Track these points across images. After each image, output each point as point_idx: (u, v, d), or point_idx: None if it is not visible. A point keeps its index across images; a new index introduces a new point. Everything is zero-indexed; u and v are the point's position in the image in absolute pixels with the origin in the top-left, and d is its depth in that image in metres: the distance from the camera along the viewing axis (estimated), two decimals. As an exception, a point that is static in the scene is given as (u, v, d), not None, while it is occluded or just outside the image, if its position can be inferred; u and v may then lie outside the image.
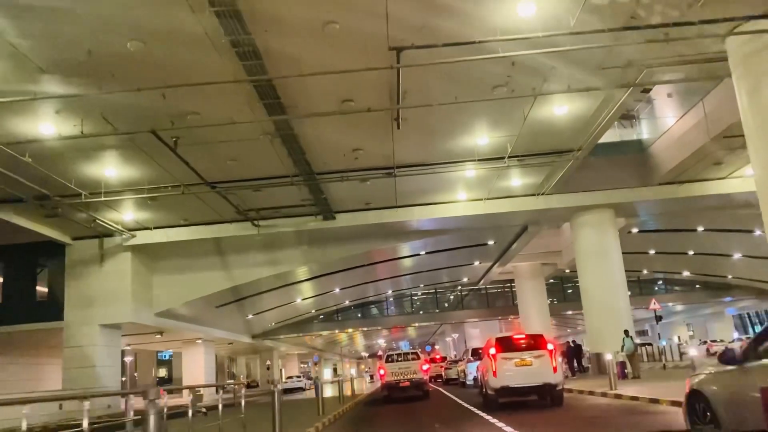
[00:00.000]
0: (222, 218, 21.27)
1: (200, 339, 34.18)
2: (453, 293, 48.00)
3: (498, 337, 12.52)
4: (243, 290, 26.56)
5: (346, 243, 23.71)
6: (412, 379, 18.37)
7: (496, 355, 11.53)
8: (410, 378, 18.18)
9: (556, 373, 11.43)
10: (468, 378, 21.72)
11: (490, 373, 11.61)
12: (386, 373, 18.43)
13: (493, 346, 11.80)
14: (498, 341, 12.04)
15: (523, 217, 22.86)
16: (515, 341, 12.03)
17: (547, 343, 11.70)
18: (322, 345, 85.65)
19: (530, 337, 12.13)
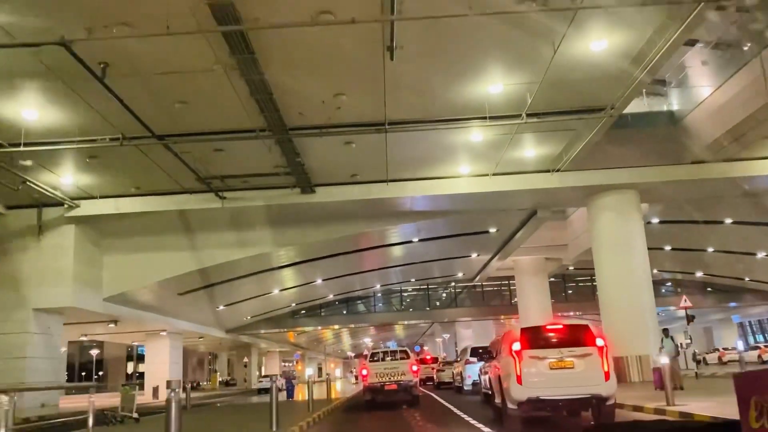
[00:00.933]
0: (181, 188, 18.27)
1: (164, 331, 31.08)
2: (446, 290, 45.09)
3: (525, 328, 9.50)
4: (210, 276, 23.53)
5: (327, 224, 20.77)
6: (399, 382, 15.49)
7: (522, 353, 8.38)
8: (397, 380, 15.31)
9: (608, 381, 8.30)
10: (466, 382, 18.81)
11: (512, 379, 8.38)
12: (369, 373, 15.53)
13: (518, 340, 8.70)
14: (525, 333, 8.96)
15: (534, 198, 19.95)
16: (549, 334, 8.93)
17: (595, 337, 8.60)
18: (306, 343, 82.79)
19: (570, 328, 9.07)
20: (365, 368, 15.72)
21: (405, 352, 16.67)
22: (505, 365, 9.06)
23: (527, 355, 8.48)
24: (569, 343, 8.59)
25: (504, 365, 9.26)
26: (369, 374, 15.47)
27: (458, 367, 20.79)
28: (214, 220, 20.21)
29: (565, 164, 17.83)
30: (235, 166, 16.91)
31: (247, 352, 57.42)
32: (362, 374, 15.98)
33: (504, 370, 9.22)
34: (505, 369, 9.12)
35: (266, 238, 21.18)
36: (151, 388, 30.67)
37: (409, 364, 15.64)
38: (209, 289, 25.98)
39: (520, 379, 8.38)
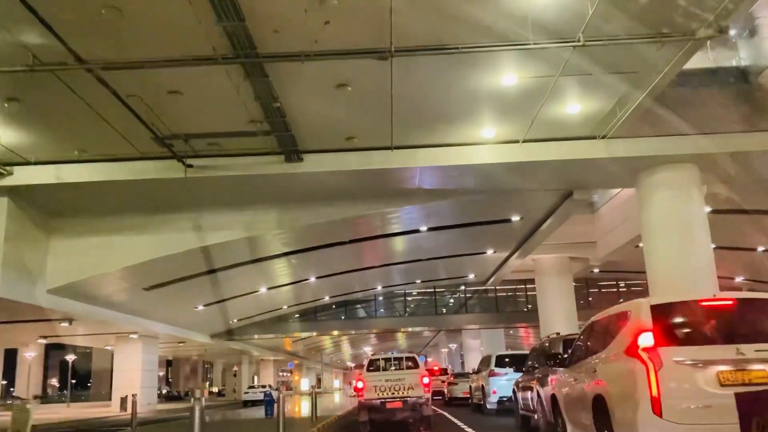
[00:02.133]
0: (137, 152, 14.93)
1: (135, 333, 27.69)
2: (455, 295, 41.55)
3: (660, 304, 5.49)
4: (180, 267, 20.21)
5: (319, 203, 17.48)
6: (405, 398, 12.10)
7: (660, 354, 4.80)
8: (403, 396, 11.96)
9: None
10: (489, 399, 15.24)
11: (636, 407, 4.78)
12: (366, 386, 12.13)
13: (647, 327, 5.08)
14: (662, 314, 5.27)
15: (572, 174, 16.52)
16: (713, 315, 5.19)
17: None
18: (304, 352, 79.39)
19: (755, 304, 5.35)
20: (360, 379, 12.32)
21: (413, 359, 13.32)
22: (613, 375, 5.49)
23: (671, 358, 4.83)
24: (758, 332, 4.91)
25: (611, 375, 5.60)
26: (365, 387, 12.10)
27: (478, 380, 17.21)
28: (183, 198, 16.92)
29: (615, 126, 14.46)
30: (199, 119, 13.62)
31: (239, 360, 53.96)
32: (356, 387, 12.53)
33: (612, 384, 5.52)
34: (614, 383, 5.46)
35: (244, 221, 17.83)
36: (119, 399, 27.25)
37: (419, 375, 12.26)
38: (182, 284, 22.57)
39: (658, 406, 4.58)
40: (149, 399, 30.04)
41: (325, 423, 14.56)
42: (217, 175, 15.36)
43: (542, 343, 9.56)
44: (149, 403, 29.80)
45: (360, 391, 12.20)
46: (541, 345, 9.51)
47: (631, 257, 29.67)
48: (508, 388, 14.80)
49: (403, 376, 12.17)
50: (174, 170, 15.14)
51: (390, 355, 13.97)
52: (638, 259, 30.75)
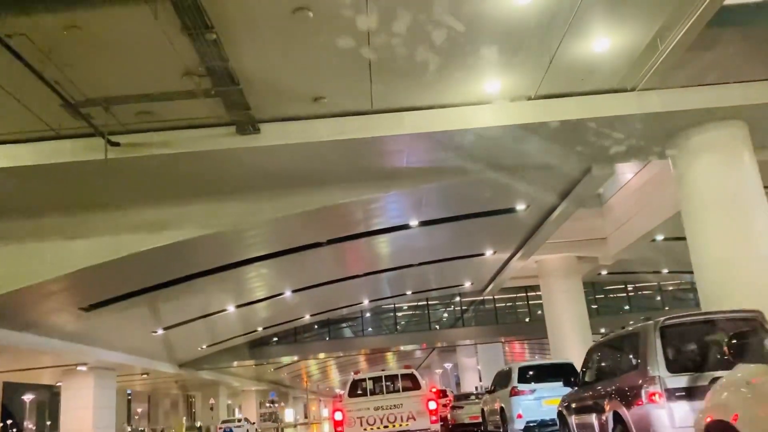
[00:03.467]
0: (47, 129, 11.87)
1: (83, 365, 24.27)
2: (449, 308, 38.45)
3: None
4: (119, 280, 17.01)
5: (284, 191, 14.58)
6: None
7: None
8: (403, 430, 8.92)
9: None
10: (514, 426, 11.95)
11: None
12: (348, 419, 9.06)
13: None
14: None
15: (593, 138, 13.60)
16: None
17: None
18: (289, 380, 75.78)
19: None
20: (340, 410, 9.22)
21: (411, 377, 10.33)
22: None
23: None
24: None
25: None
26: (346, 420, 9.04)
27: (494, 401, 13.89)
28: (114, 189, 13.91)
29: (650, 71, 11.71)
30: (117, 74, 10.58)
31: (216, 392, 50.30)
32: (335, 422, 9.35)
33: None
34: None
35: (195, 216, 14.75)
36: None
37: (423, 398, 9.23)
38: (130, 303, 19.33)
39: None
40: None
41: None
42: (151, 154, 12.35)
43: (618, 337, 6.46)
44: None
45: (340, 424, 9.09)
46: (618, 339, 6.42)
47: (646, 254, 27.03)
48: (537, 409, 11.80)
49: (399, 402, 9.12)
50: (96, 150, 12.06)
51: (380, 373, 10.83)
52: (652, 257, 28.40)
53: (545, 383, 12.09)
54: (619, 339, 6.57)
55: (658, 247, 25.15)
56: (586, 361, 7.10)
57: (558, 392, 11.90)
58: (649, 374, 5.44)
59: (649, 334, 5.70)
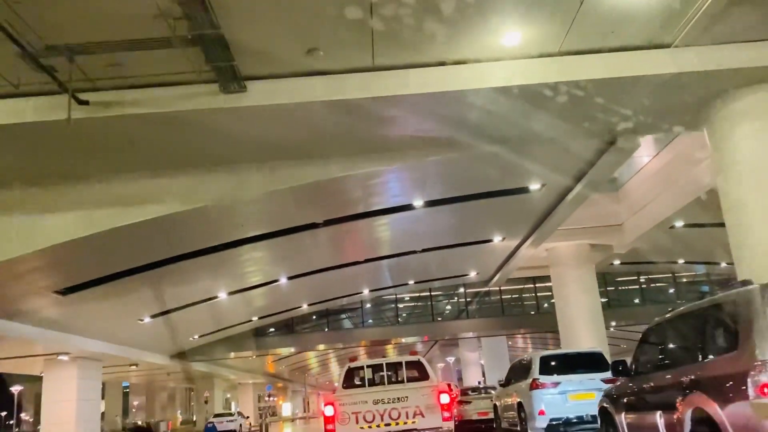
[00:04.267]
0: (6, 84, 10.52)
1: (65, 354, 22.97)
2: (452, 299, 37.07)
3: None
4: (96, 261, 15.67)
5: (275, 162, 13.20)
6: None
7: None
8: (409, 430, 7.56)
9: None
10: (535, 424, 10.51)
11: None
12: (340, 415, 7.67)
13: None
14: None
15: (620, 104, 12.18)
16: None
17: None
18: (288, 373, 74.60)
19: None
20: (330, 404, 7.79)
21: (418, 365, 8.90)
22: None
23: None
24: None
25: None
26: (339, 416, 7.64)
27: (510, 396, 12.42)
28: (85, 156, 12.56)
29: (690, 22, 10.27)
30: (80, 14, 9.21)
31: (211, 385, 49.05)
32: (325, 417, 7.88)
33: None
34: None
35: (177, 189, 13.39)
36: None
37: (433, 390, 7.78)
38: (111, 287, 17.99)
39: None
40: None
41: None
42: (124, 113, 10.98)
43: (699, 310, 5.50)
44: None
45: (330, 421, 7.67)
46: (697, 312, 4.94)
47: (663, 242, 25.67)
48: (562, 405, 10.42)
49: (404, 394, 7.69)
50: (63, 110, 10.69)
51: (381, 360, 9.40)
52: (670, 245, 27.02)
53: (571, 375, 10.73)
54: (699, 312, 5.19)
55: (677, 234, 23.84)
56: (642, 343, 5.72)
57: (587, 385, 10.56)
58: (758, 358, 4.03)
59: (755, 301, 4.27)
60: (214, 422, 29.98)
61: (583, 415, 10.20)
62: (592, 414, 10.20)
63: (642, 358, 5.56)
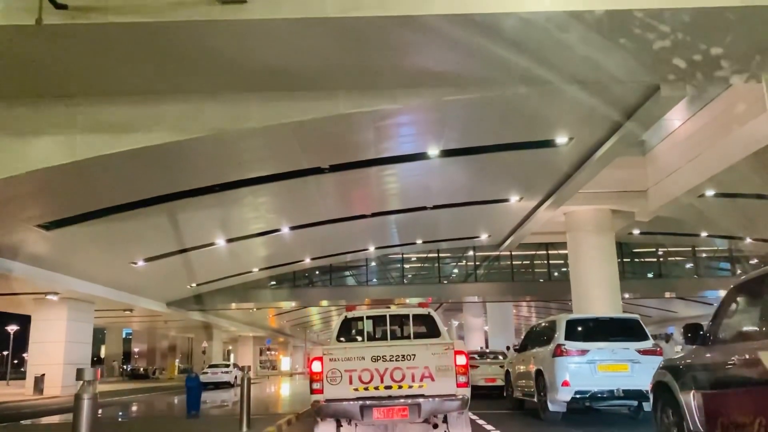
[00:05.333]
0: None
1: (54, 294, 22.06)
2: (460, 262, 35.96)
3: None
4: (77, 193, 14.50)
5: (275, 94, 11.91)
6: (417, 401, 6.33)
7: None
8: (413, 395, 6.32)
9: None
10: (557, 396, 9.28)
11: None
12: (331, 372, 6.45)
13: None
14: None
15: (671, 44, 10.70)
16: None
17: None
18: (290, 329, 74.50)
19: None
20: (318, 359, 6.54)
21: (429, 320, 7.70)
22: None
23: None
24: None
25: None
26: (328, 374, 6.43)
27: (526, 363, 11.12)
28: (65, 72, 11.21)
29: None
30: None
31: (210, 335, 48.59)
32: (312, 373, 6.65)
33: None
34: None
35: (167, 117, 12.09)
36: (33, 378, 21.71)
37: (447, 349, 6.48)
38: (99, 226, 16.89)
39: None
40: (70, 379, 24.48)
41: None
42: (107, 21, 9.62)
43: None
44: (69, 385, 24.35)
45: (318, 379, 6.47)
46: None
47: (689, 212, 24.35)
48: (590, 376, 9.23)
49: (411, 352, 6.44)
50: (34, 13, 9.37)
51: (384, 311, 8.17)
52: (696, 215, 25.63)
53: (602, 343, 9.51)
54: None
55: (705, 204, 22.48)
56: (724, 306, 4.50)
57: (619, 355, 9.36)
58: None
59: None
60: (209, 372, 29.24)
61: (614, 390, 9.00)
62: (624, 389, 9.10)
63: (728, 323, 4.35)
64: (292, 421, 11.14)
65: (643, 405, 9.26)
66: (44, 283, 20.72)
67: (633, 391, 9.00)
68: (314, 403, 6.66)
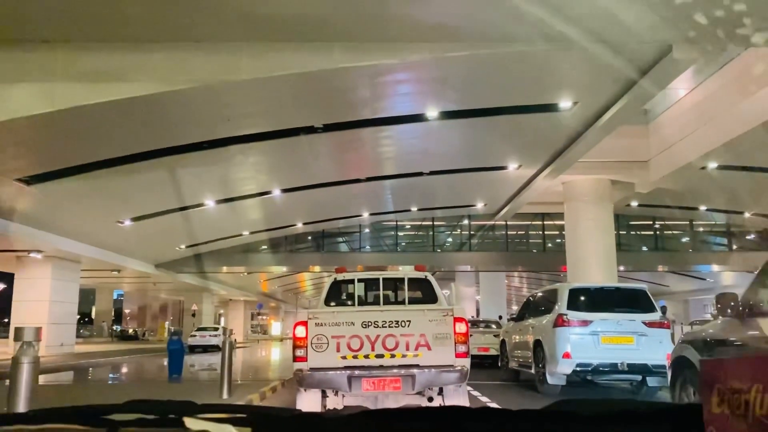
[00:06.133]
0: None
1: (38, 252, 21.48)
2: (455, 230, 35.45)
3: None
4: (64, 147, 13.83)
5: (267, 45, 11.24)
6: (410, 371, 5.80)
7: None
8: (406, 365, 5.77)
9: None
10: (556, 368, 8.75)
11: None
12: (315, 338, 5.88)
13: None
14: None
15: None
16: None
17: None
18: (282, 293, 74.27)
19: None
20: (302, 325, 5.96)
21: (426, 285, 7.18)
22: None
23: None
24: None
25: None
26: (313, 340, 5.86)
27: (524, 332, 10.58)
28: (48, 20, 10.49)
29: None
30: None
31: (200, 299, 48.23)
32: (296, 338, 6.08)
33: None
34: None
35: (150, 67, 11.39)
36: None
37: (445, 316, 5.89)
38: (84, 181, 16.22)
39: None
40: (64, 339, 24.12)
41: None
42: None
43: None
44: (63, 344, 23.95)
45: (302, 346, 5.92)
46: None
47: (690, 184, 23.90)
48: (592, 348, 8.77)
49: (405, 318, 5.86)
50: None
51: (377, 274, 7.64)
52: (697, 188, 25.17)
53: (606, 313, 9.04)
54: None
55: (707, 176, 22.02)
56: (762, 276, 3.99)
57: (625, 327, 8.89)
58: None
59: None
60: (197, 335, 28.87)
61: (618, 363, 8.55)
62: (629, 362, 8.66)
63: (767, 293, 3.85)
64: (277, 388, 10.71)
65: (647, 380, 8.84)
66: (26, 240, 20.13)
67: (638, 365, 8.57)
68: (297, 372, 6.09)
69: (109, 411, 0.98)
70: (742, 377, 0.78)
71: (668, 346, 8.47)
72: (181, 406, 0.99)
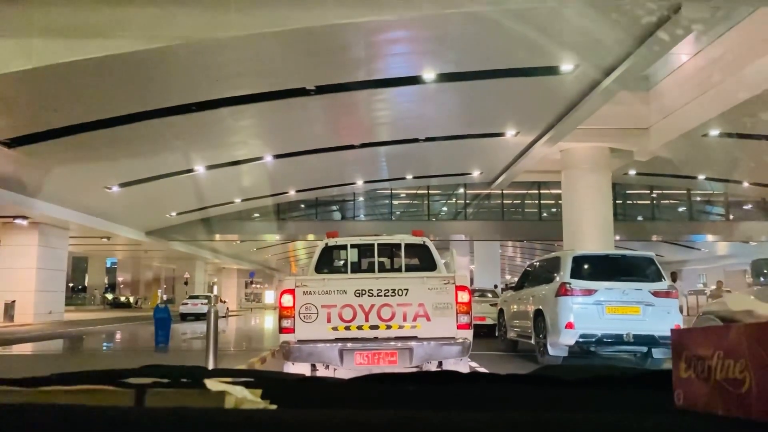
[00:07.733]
0: None
1: (23, 218, 20.96)
2: (450, 199, 35.00)
3: None
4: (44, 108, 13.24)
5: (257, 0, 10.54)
6: (408, 344, 5.40)
7: None
8: (405, 339, 5.37)
9: None
10: (558, 339, 8.37)
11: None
12: (304, 307, 5.44)
13: None
14: None
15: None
16: None
17: None
18: (276, 263, 74.06)
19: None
20: (289, 293, 5.52)
21: (424, 251, 6.71)
22: None
23: None
24: None
25: None
26: (301, 310, 5.42)
27: (524, 302, 10.19)
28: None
29: None
30: None
31: (192, 267, 47.86)
32: (282, 308, 5.65)
33: None
34: None
35: (133, 23, 10.77)
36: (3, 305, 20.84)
37: (446, 283, 5.44)
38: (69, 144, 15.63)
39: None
40: (52, 306, 23.71)
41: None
42: None
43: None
44: (51, 312, 23.54)
45: (288, 316, 5.49)
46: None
47: (690, 152, 23.47)
48: (597, 318, 8.40)
49: (403, 285, 5.43)
50: None
51: (372, 239, 7.15)
52: (697, 156, 24.77)
53: (611, 282, 8.66)
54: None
55: (708, 144, 21.62)
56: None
57: (631, 297, 8.51)
58: None
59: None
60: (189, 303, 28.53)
61: (623, 334, 8.21)
62: (635, 333, 8.31)
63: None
64: (267, 358, 10.36)
65: (652, 352, 8.50)
66: (11, 206, 19.58)
67: (644, 336, 8.23)
68: (283, 345, 5.65)
69: (126, 375, 1.01)
70: (706, 345, 0.84)
71: (676, 316, 8.15)
72: (193, 371, 1.02)
